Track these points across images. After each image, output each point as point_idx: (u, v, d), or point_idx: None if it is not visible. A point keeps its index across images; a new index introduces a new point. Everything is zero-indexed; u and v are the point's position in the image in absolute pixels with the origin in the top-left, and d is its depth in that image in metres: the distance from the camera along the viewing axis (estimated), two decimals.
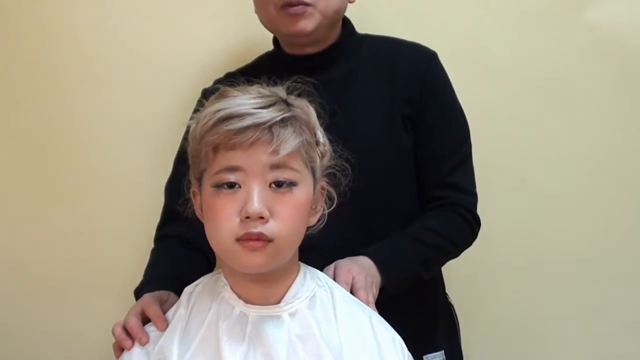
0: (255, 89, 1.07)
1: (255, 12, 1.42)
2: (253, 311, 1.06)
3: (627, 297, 1.74)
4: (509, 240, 1.72)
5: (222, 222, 1.00)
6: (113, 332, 1.14)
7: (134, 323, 1.13)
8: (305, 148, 1.04)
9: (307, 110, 1.08)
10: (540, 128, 1.70)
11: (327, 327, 1.06)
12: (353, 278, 1.19)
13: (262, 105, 1.01)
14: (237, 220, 1.00)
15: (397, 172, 1.38)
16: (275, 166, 1.00)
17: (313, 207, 1.08)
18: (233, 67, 1.49)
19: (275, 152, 0.99)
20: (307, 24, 1.34)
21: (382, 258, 1.26)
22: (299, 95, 1.11)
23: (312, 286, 1.09)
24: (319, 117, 1.10)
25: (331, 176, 1.13)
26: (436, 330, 1.43)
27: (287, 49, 1.43)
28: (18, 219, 1.73)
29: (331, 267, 1.22)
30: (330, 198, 1.12)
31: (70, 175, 1.71)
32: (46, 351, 1.72)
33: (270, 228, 0.99)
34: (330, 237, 1.12)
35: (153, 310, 1.14)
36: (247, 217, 0.99)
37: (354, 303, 1.13)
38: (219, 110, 1.01)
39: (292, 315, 1.06)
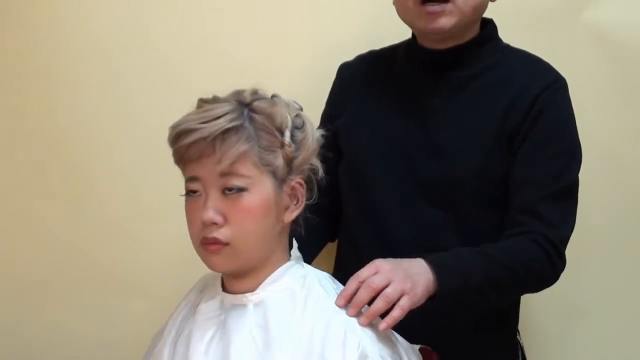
0: (217, 99, 1.13)
1: (393, 3, 1.40)
2: (227, 299, 1.14)
3: None
4: None
5: (190, 227, 1.11)
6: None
7: None
8: (259, 153, 1.08)
9: (272, 114, 1.10)
10: None
11: (281, 322, 1.08)
12: (376, 274, 1.12)
13: (208, 119, 1.07)
14: (201, 224, 1.09)
15: (482, 190, 1.35)
16: (225, 174, 1.08)
17: (286, 206, 1.12)
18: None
19: (220, 162, 1.07)
20: (445, 23, 1.32)
21: (440, 262, 1.20)
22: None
23: (288, 282, 1.12)
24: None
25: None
26: None
27: (419, 40, 1.42)
28: (18, 219, 1.73)
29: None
30: (310, 189, 1.15)
31: (70, 176, 1.72)
32: (46, 351, 1.72)
33: (224, 233, 1.08)
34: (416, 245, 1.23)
35: None
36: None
37: (328, 308, 1.10)
38: (174, 127, 1.10)
39: (257, 305, 1.11)
